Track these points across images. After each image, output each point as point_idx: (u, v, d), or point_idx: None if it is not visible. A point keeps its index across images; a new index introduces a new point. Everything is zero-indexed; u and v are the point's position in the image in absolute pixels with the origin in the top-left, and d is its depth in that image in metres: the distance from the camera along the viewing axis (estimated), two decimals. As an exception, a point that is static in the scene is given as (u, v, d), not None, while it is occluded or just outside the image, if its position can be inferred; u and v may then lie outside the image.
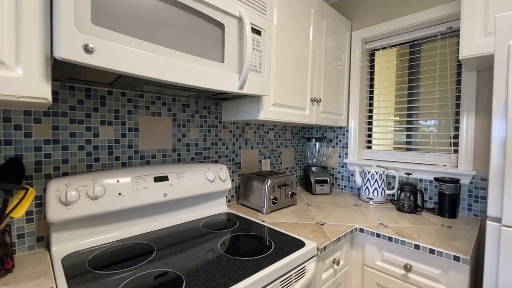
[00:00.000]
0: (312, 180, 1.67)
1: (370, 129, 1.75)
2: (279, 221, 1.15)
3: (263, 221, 1.13)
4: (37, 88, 0.57)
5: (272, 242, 0.91)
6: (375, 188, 1.47)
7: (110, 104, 0.97)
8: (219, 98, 1.19)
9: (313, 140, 1.77)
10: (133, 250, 0.83)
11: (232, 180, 1.42)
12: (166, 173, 1.06)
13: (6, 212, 0.68)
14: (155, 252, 0.82)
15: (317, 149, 1.78)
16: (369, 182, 1.49)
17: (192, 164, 1.17)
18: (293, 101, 1.27)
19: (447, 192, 1.24)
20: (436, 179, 1.30)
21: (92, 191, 0.85)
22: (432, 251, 0.92)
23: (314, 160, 1.80)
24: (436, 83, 1.46)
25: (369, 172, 1.49)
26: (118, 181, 0.92)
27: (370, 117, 1.74)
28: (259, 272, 0.71)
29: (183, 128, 1.20)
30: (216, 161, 1.34)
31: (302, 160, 1.93)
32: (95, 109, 0.93)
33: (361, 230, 1.11)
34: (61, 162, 0.87)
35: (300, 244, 0.90)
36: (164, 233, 0.97)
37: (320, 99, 1.43)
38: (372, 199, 1.48)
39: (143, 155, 1.07)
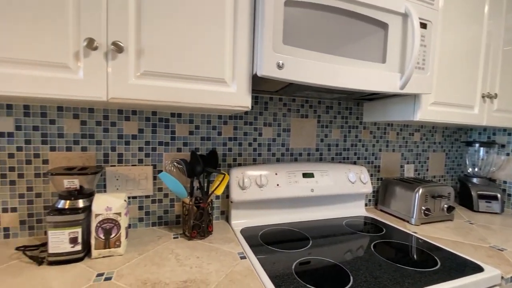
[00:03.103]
0: (474, 194, 1.36)
1: None
2: (435, 235, 1.01)
3: (414, 232, 1.03)
4: (244, 99, 0.76)
5: (435, 257, 0.82)
6: None
7: (271, 108, 1.14)
8: (363, 98, 1.17)
9: (476, 145, 1.44)
10: (290, 234, 0.96)
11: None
12: (312, 170, 1.15)
13: (211, 189, 0.93)
14: (311, 241, 0.91)
15: (481, 156, 1.44)
16: None
17: (333, 164, 1.21)
18: (457, 99, 1.08)
19: None
20: None
21: (259, 180, 1.03)
22: None
23: (476, 169, 1.46)
24: None
25: None
26: (276, 174, 1.08)
27: None
28: (433, 286, 0.66)
29: (326, 128, 1.26)
30: (354, 163, 1.33)
31: (455, 168, 1.61)
32: (260, 113, 1.13)
33: None
34: (238, 155, 1.10)
35: (476, 268, 0.76)
36: (312, 225, 1.06)
37: (495, 94, 1.15)
38: None
39: (292, 153, 1.20)
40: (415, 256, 0.83)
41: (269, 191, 1.05)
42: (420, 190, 1.13)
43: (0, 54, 0.57)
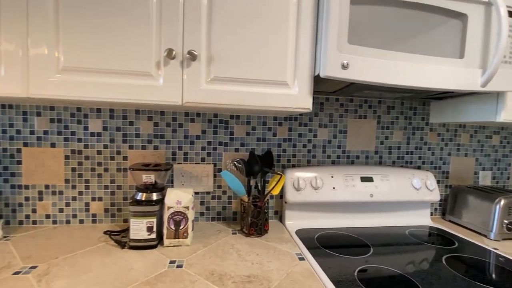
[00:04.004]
0: None
1: None
2: (523, 254, 0.88)
3: (494, 248, 0.91)
4: (305, 101, 0.76)
5: (526, 279, 0.71)
6: None
7: (327, 109, 1.12)
8: (431, 97, 1.07)
9: None
10: (348, 240, 0.93)
11: (437, 191, 1.24)
12: (371, 174, 1.09)
13: (268, 189, 0.96)
14: (371, 248, 0.87)
15: None
16: None
17: (395, 168, 1.13)
18: (555, 96, 0.92)
19: None
20: None
21: (314, 182, 1.02)
22: None
23: None
24: None
25: None
26: (332, 177, 1.05)
27: None
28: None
29: (387, 130, 1.18)
30: (419, 167, 1.22)
31: (547, 178, 1.36)
32: (316, 114, 1.11)
33: None
34: (292, 156, 1.11)
35: None
36: (371, 231, 1.01)
37: None
38: None
39: (349, 155, 1.16)
40: (495, 275, 0.73)
41: (324, 194, 1.03)
42: (502, 201, 0.99)
43: (96, 66, 0.68)
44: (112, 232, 0.90)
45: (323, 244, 0.88)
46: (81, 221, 0.99)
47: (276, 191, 0.94)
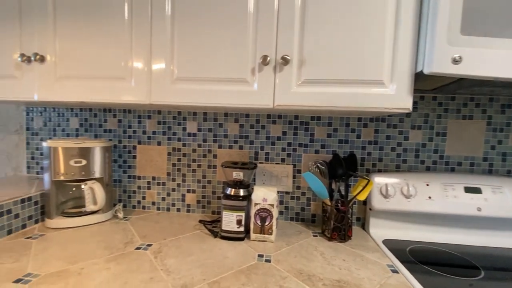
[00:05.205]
0: None
1: None
2: None
3: None
4: (404, 100, 0.70)
5: None
6: None
7: (421, 109, 1.00)
8: None
9: None
10: (449, 258, 0.81)
11: None
12: (478, 184, 0.93)
13: (353, 194, 0.92)
14: (482, 271, 0.74)
15: None
16: None
17: (511, 178, 0.93)
18: None
19: None
20: None
21: (406, 189, 0.93)
22: None
23: None
24: None
25: None
26: (427, 185, 0.94)
27: None
28: None
29: (500, 133, 0.99)
30: (548, 179, 0.98)
31: None
32: (407, 114, 1.01)
33: None
34: (378, 160, 1.03)
35: None
36: (480, 251, 0.86)
37: None
38: None
39: (448, 161, 1.01)
40: None
41: (418, 203, 0.93)
42: None
43: (201, 75, 0.77)
44: (206, 222, 1.01)
45: (419, 259, 0.80)
46: (178, 210, 1.14)
47: (362, 197, 0.90)
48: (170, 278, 0.65)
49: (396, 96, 0.70)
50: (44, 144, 0.93)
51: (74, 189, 1.00)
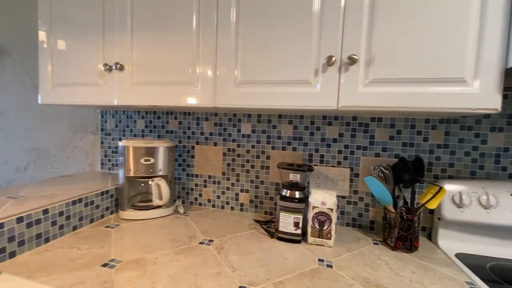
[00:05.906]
0: None
1: None
2: None
3: None
4: (490, 99, 0.63)
5: None
6: None
7: (505, 109, 0.89)
8: None
9: None
10: (544, 282, 0.70)
11: None
12: None
13: (421, 201, 0.85)
14: None
15: None
16: None
17: None
18: None
19: None
20: None
21: (485, 199, 0.83)
22: None
23: None
24: None
25: None
26: (511, 195, 0.83)
27: None
28: None
29: None
30: None
31: None
32: (486, 115, 0.90)
33: None
34: (448, 165, 0.94)
35: None
36: None
37: None
38: None
39: (538, 169, 0.88)
40: None
41: (500, 216, 0.82)
42: None
43: (263, 78, 0.78)
44: (261, 222, 1.03)
45: (505, 279, 0.70)
46: (232, 208, 1.18)
47: (432, 205, 0.83)
48: (235, 274, 0.68)
49: (480, 95, 0.63)
50: (120, 143, 1.04)
51: (142, 184, 1.10)
